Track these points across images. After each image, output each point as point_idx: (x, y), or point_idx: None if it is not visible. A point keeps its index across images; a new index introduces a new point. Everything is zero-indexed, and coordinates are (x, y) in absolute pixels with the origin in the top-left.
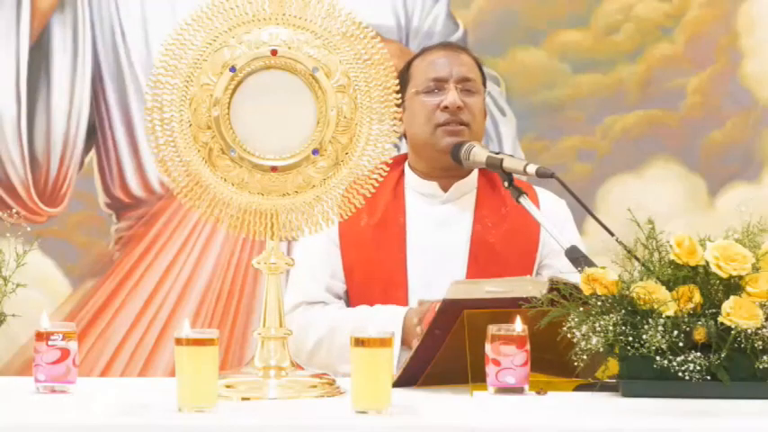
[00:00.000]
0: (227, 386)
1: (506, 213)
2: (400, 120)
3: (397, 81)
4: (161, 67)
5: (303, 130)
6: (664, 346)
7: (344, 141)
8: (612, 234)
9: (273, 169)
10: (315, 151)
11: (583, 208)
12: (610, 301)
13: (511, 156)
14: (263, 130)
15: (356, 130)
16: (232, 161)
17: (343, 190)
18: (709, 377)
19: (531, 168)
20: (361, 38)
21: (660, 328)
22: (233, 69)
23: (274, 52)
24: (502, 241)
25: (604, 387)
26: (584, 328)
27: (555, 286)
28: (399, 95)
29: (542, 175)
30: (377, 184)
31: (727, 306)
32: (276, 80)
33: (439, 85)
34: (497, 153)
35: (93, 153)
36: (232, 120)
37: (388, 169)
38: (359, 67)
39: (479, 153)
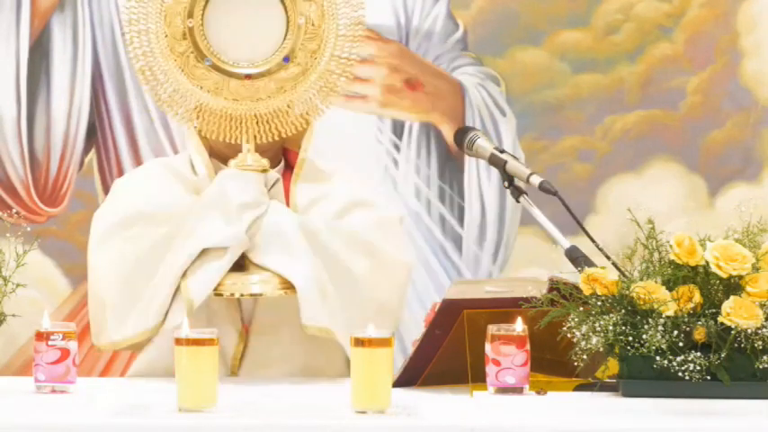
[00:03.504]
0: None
1: None
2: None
3: None
4: None
5: (274, 38)
6: (664, 346)
7: (313, 48)
8: (609, 257)
9: (247, 77)
10: (286, 58)
11: (579, 226)
12: (610, 301)
13: (515, 157)
14: (236, 40)
15: (324, 37)
16: (207, 70)
17: (313, 94)
18: (709, 377)
19: (535, 180)
20: None
21: (660, 328)
22: None
23: None
24: None
25: (604, 387)
26: (584, 328)
27: (555, 286)
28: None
29: (545, 190)
30: (344, 86)
31: (727, 306)
32: None
33: None
34: (501, 151)
35: (93, 153)
36: (206, 30)
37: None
38: None
39: (484, 147)
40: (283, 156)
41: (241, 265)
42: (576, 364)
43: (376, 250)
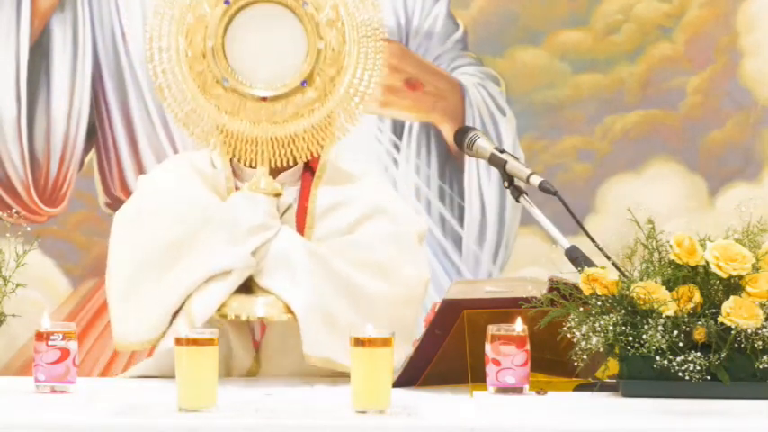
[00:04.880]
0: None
1: None
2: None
3: (383, 15)
4: None
5: (293, 61)
6: (664, 346)
7: (332, 73)
8: (609, 257)
9: (264, 99)
10: (303, 82)
11: (579, 226)
12: (610, 301)
13: (515, 157)
14: (255, 62)
15: (343, 63)
16: (225, 90)
17: (330, 121)
18: (709, 377)
19: (535, 180)
20: None
21: (660, 328)
22: (227, 2)
23: None
24: None
25: (604, 387)
26: (584, 328)
27: (555, 286)
28: (385, 30)
29: (545, 190)
30: (361, 116)
31: (727, 306)
32: (268, 13)
33: None
34: (501, 151)
35: (93, 153)
36: (226, 50)
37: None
38: (348, 0)
39: (484, 147)
40: None
41: (248, 287)
42: (576, 364)
43: (390, 272)
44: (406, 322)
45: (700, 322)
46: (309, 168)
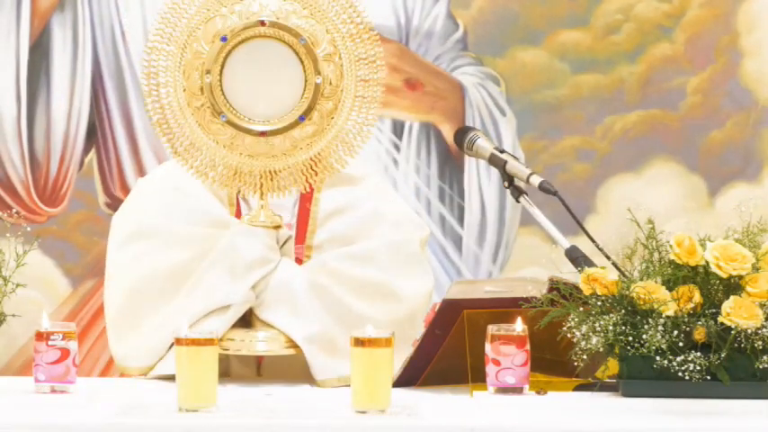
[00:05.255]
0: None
1: None
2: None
3: (382, 49)
4: (157, 35)
5: (290, 96)
6: (664, 346)
7: (330, 107)
8: (609, 257)
9: (262, 134)
10: (301, 117)
11: (578, 226)
12: (610, 301)
13: (514, 157)
14: (253, 96)
15: (341, 97)
16: (223, 125)
17: (329, 153)
18: (709, 377)
19: (535, 180)
20: (347, 6)
21: (660, 328)
22: (224, 39)
23: (263, 23)
24: None
25: (604, 387)
26: (584, 328)
27: (555, 286)
28: (383, 64)
29: (545, 190)
30: (361, 148)
31: (727, 306)
32: (265, 49)
33: None
34: (501, 151)
35: (93, 153)
36: (224, 86)
37: (372, 135)
38: (345, 35)
39: (484, 147)
40: None
41: (248, 320)
42: (576, 364)
43: (393, 289)
44: (409, 335)
45: (700, 322)
46: None
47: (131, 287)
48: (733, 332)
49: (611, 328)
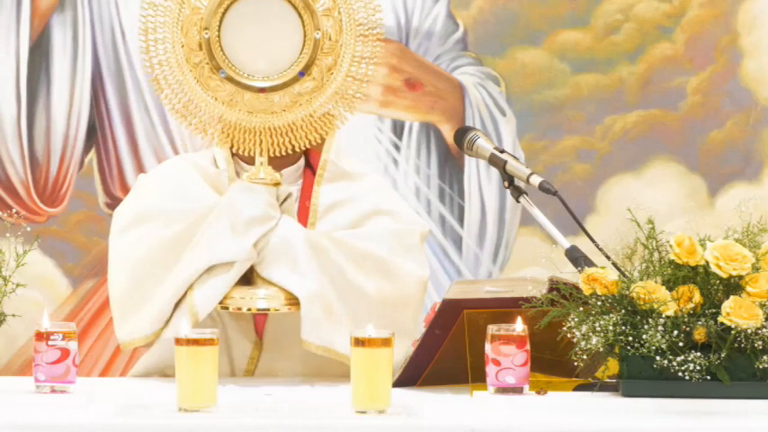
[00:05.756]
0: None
1: None
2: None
3: (380, 4)
4: None
5: (290, 51)
6: (664, 346)
7: (329, 63)
8: (609, 257)
9: (261, 90)
10: (301, 72)
11: (579, 226)
12: (610, 301)
13: (515, 157)
14: (252, 52)
15: (341, 52)
16: (222, 81)
17: (329, 109)
18: (709, 377)
19: (535, 180)
20: None
21: (660, 327)
22: None
23: None
24: None
25: (604, 387)
26: (584, 328)
27: (555, 286)
28: (382, 18)
29: (545, 190)
30: (361, 102)
31: (727, 306)
32: (264, 4)
33: None
34: (501, 151)
35: (93, 153)
36: (222, 42)
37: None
38: None
39: (484, 147)
40: (304, 154)
41: (248, 278)
42: (576, 364)
43: (390, 267)
44: (401, 321)
45: (700, 322)
46: (310, 166)
47: (134, 266)
48: (733, 332)
49: (611, 328)
